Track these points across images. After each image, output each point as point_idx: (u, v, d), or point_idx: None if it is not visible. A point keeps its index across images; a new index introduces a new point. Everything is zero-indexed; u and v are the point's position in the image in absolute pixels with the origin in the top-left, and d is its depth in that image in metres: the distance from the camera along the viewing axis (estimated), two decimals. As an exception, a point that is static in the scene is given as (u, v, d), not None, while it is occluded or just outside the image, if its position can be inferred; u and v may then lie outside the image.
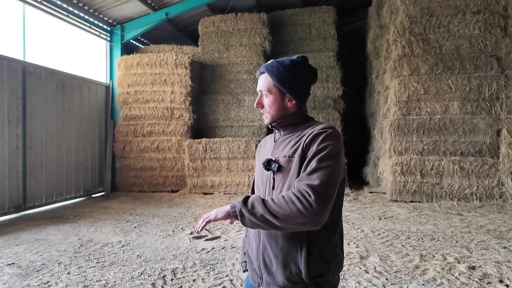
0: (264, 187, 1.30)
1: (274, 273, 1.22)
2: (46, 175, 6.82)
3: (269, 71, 1.30)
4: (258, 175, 1.37)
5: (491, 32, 6.57)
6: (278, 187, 1.24)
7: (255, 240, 1.30)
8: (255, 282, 1.29)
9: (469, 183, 6.33)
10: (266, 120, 1.35)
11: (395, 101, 6.86)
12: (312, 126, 1.27)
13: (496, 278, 3.03)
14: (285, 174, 1.23)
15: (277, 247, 1.21)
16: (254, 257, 1.30)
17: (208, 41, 9.11)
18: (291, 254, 1.19)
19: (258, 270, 1.27)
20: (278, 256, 1.20)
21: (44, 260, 3.78)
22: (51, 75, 7.01)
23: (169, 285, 3.07)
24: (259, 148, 1.50)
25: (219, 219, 1.21)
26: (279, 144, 1.32)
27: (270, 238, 1.23)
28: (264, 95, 1.31)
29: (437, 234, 4.44)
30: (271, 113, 1.31)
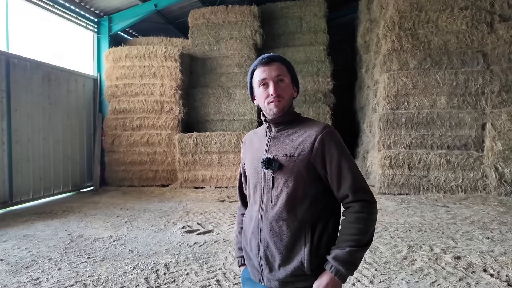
0: (261, 185, 1.29)
1: (276, 269, 1.25)
2: (33, 170, 6.68)
3: (282, 60, 1.33)
4: (251, 173, 1.35)
5: (477, 28, 6.69)
6: (279, 186, 1.25)
7: (255, 237, 1.30)
8: (255, 278, 1.32)
9: (455, 175, 6.50)
10: (276, 109, 1.28)
11: (384, 95, 6.95)
12: (309, 126, 1.30)
13: (480, 267, 3.15)
14: (286, 172, 1.24)
15: (282, 243, 1.23)
16: (254, 254, 1.31)
17: (198, 34, 9.00)
18: (295, 250, 1.22)
19: (259, 266, 1.29)
20: (282, 252, 1.23)
21: (33, 256, 3.73)
22: (36, 68, 6.83)
23: (162, 279, 3.09)
24: (245, 145, 1.48)
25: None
26: (273, 142, 1.31)
27: (274, 235, 1.25)
28: (280, 80, 1.29)
29: (424, 225, 4.57)
30: (285, 98, 1.29)
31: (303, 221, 1.23)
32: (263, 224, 1.27)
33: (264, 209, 1.28)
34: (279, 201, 1.25)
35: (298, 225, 1.23)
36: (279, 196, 1.25)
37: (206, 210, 5.76)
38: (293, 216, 1.23)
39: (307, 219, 1.23)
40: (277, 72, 1.28)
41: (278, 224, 1.24)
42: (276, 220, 1.24)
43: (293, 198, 1.23)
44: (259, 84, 1.30)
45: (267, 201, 1.27)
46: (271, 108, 1.28)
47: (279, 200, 1.25)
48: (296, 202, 1.23)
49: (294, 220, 1.23)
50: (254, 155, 1.34)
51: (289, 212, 1.23)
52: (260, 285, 1.30)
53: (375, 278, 2.98)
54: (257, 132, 1.45)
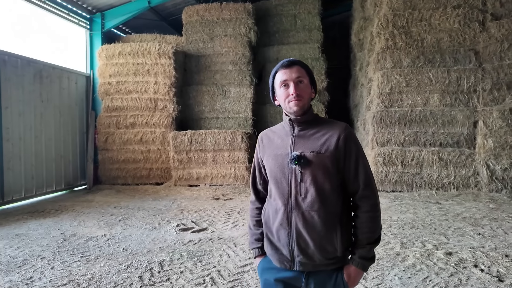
0: (287, 180, 1.41)
1: (311, 254, 1.38)
2: (24, 168, 6.60)
3: (302, 63, 1.46)
4: (275, 168, 1.44)
5: (470, 26, 6.76)
6: (307, 180, 1.38)
7: (284, 228, 1.41)
8: (284, 266, 1.43)
9: (447, 173, 6.58)
10: (297, 107, 1.41)
11: (378, 93, 6.99)
12: (330, 125, 1.45)
13: (471, 263, 3.20)
14: (313, 167, 1.37)
15: (315, 233, 1.37)
16: (283, 244, 1.41)
17: (192, 31, 8.94)
18: (328, 237, 1.37)
19: (290, 254, 1.40)
20: (315, 240, 1.37)
21: (25, 255, 3.69)
22: (27, 64, 6.73)
23: (156, 277, 3.08)
24: (262, 143, 1.56)
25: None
26: (298, 140, 1.43)
27: (306, 226, 1.37)
28: (300, 81, 1.42)
29: (417, 222, 4.62)
30: (305, 98, 1.43)
31: (332, 211, 1.38)
32: (294, 215, 1.39)
33: (293, 201, 1.39)
34: (309, 193, 1.37)
35: (328, 215, 1.37)
36: (309, 189, 1.37)
37: (200, 208, 5.75)
38: (324, 206, 1.37)
39: (335, 208, 1.38)
40: (297, 74, 1.42)
41: (310, 215, 1.37)
42: (308, 211, 1.37)
43: (323, 191, 1.37)
44: (281, 85, 1.43)
45: (296, 194, 1.39)
46: (291, 107, 1.41)
47: (308, 193, 1.37)
48: (325, 194, 1.37)
49: (325, 211, 1.37)
50: (278, 152, 1.45)
51: (320, 203, 1.36)
52: (286, 271, 1.42)
53: (368, 275, 3.01)
54: (274, 131, 1.55)
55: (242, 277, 3.03)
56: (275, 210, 1.44)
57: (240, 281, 2.95)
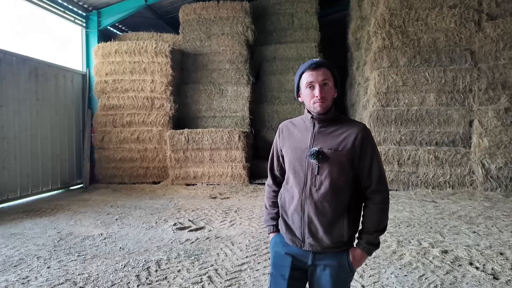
0: (304, 172, 1.54)
1: (319, 238, 1.53)
2: (20, 167, 6.56)
3: (328, 65, 1.55)
4: (294, 159, 1.58)
5: (465, 26, 6.80)
6: (323, 173, 1.51)
7: (298, 214, 1.56)
8: (294, 244, 1.59)
9: (443, 171, 6.62)
10: (320, 108, 1.53)
11: (375, 92, 7.02)
12: (349, 125, 1.56)
13: (467, 261, 3.23)
14: (330, 163, 1.50)
15: (325, 219, 1.51)
16: (296, 226, 1.57)
17: (189, 29, 8.92)
18: (336, 224, 1.52)
19: (301, 235, 1.56)
20: (324, 225, 1.52)
21: (21, 255, 3.67)
22: (23, 62, 6.67)
23: (153, 276, 3.08)
24: (282, 134, 1.68)
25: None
26: (318, 136, 1.55)
27: (317, 213, 1.52)
28: (326, 84, 1.53)
29: (413, 220, 4.65)
30: (328, 100, 1.54)
31: (342, 203, 1.51)
32: (307, 203, 1.53)
33: (308, 191, 1.53)
34: (323, 186, 1.50)
35: (339, 205, 1.51)
36: (323, 182, 1.50)
37: (197, 207, 5.75)
38: (336, 199, 1.50)
39: (345, 201, 1.52)
40: (323, 76, 1.51)
41: (322, 204, 1.51)
42: (321, 201, 1.51)
43: (337, 185, 1.50)
44: (307, 85, 1.54)
45: (311, 185, 1.52)
46: (315, 107, 1.53)
47: (323, 185, 1.50)
48: (339, 188, 1.51)
49: (337, 202, 1.51)
50: (297, 145, 1.58)
51: (333, 195, 1.50)
52: (295, 248, 1.58)
53: (365, 273, 3.03)
54: (295, 124, 1.66)
55: (239, 276, 3.04)
56: (291, 197, 1.59)
57: (237, 280, 2.96)
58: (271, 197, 1.76)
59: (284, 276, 1.59)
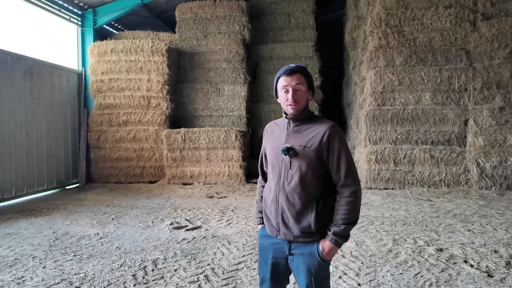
0: (279, 167, 1.69)
1: (290, 227, 1.66)
2: (15, 167, 6.51)
3: (302, 71, 1.67)
4: (272, 155, 1.75)
5: (461, 26, 6.84)
6: (294, 168, 1.64)
7: (274, 205, 1.71)
8: (272, 233, 1.74)
9: (438, 170, 6.67)
10: (293, 111, 1.66)
11: (371, 91, 7.05)
12: (320, 123, 1.67)
13: (461, 259, 3.26)
14: (300, 158, 1.63)
15: (295, 210, 1.64)
16: (273, 216, 1.72)
17: (186, 28, 8.89)
18: (304, 215, 1.64)
19: (276, 225, 1.70)
20: (294, 216, 1.65)
21: (17, 255, 3.65)
22: (17, 61, 6.62)
23: (150, 275, 3.07)
24: (267, 133, 1.86)
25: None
26: (292, 134, 1.69)
27: (288, 204, 1.66)
28: (299, 89, 1.65)
29: (409, 219, 4.68)
30: (301, 103, 1.66)
31: (311, 195, 1.63)
32: (280, 195, 1.67)
33: (281, 184, 1.67)
34: (293, 179, 1.64)
35: (307, 197, 1.63)
36: (294, 176, 1.64)
37: (194, 206, 5.74)
38: (304, 191, 1.62)
39: (314, 193, 1.63)
40: (296, 81, 1.64)
41: (292, 196, 1.64)
42: (291, 193, 1.64)
43: (305, 178, 1.62)
44: (282, 89, 1.68)
45: (284, 178, 1.66)
46: (288, 109, 1.67)
47: (293, 179, 1.64)
48: (306, 181, 1.62)
49: (305, 194, 1.62)
50: (276, 143, 1.72)
51: (302, 188, 1.62)
52: (275, 238, 1.72)
53: (361, 271, 3.04)
54: (277, 124, 1.80)
55: (236, 275, 3.04)
56: (269, 190, 1.75)
57: (234, 279, 2.96)
58: (260, 192, 1.91)
59: (267, 263, 1.75)
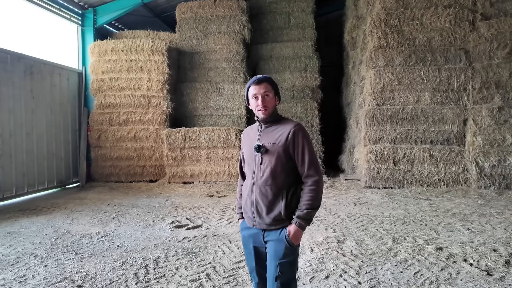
0: (254, 163, 1.92)
1: (264, 217, 1.88)
2: (15, 166, 6.52)
3: (269, 80, 1.92)
4: (247, 155, 1.98)
5: (460, 26, 6.87)
6: (265, 163, 1.87)
7: (249, 198, 1.93)
8: (250, 224, 1.95)
9: (438, 169, 6.70)
10: (263, 115, 1.90)
11: (371, 91, 7.07)
12: (286, 123, 1.91)
13: (461, 258, 3.28)
14: (270, 154, 1.87)
15: (267, 201, 1.87)
16: (249, 208, 1.94)
17: (186, 28, 8.90)
18: (275, 204, 1.86)
19: (252, 216, 1.92)
20: (267, 206, 1.87)
21: (18, 253, 3.66)
22: (17, 60, 6.62)
23: (151, 274, 3.09)
24: (244, 136, 2.09)
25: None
26: (263, 134, 1.93)
27: (262, 196, 1.88)
28: (267, 95, 1.89)
29: (408, 218, 4.71)
30: (270, 107, 1.90)
31: (281, 186, 1.86)
32: (254, 188, 1.89)
33: (255, 179, 1.90)
34: (265, 173, 1.86)
35: (277, 188, 1.86)
36: (265, 170, 1.86)
37: (195, 205, 5.76)
38: (274, 183, 1.85)
39: (283, 184, 1.86)
40: (264, 89, 1.89)
41: (264, 188, 1.86)
42: (263, 185, 1.87)
43: (274, 171, 1.85)
44: (252, 97, 1.92)
45: (257, 173, 1.89)
46: (259, 114, 1.92)
47: (265, 173, 1.86)
48: (276, 174, 1.85)
49: (275, 185, 1.85)
50: (250, 144, 1.95)
51: (272, 180, 1.85)
52: (253, 228, 1.93)
53: (361, 269, 3.07)
54: (252, 128, 2.05)
55: (237, 273, 3.06)
56: (246, 185, 1.98)
57: (235, 277, 2.98)
58: (240, 190, 2.11)
59: (251, 253, 1.97)
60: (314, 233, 4.10)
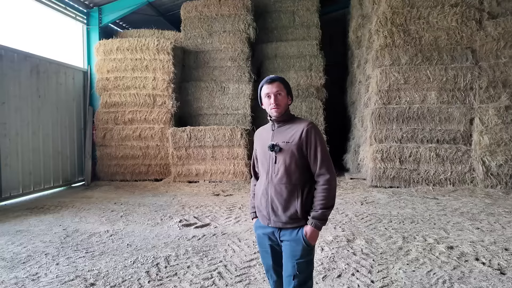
0: (267, 162, 1.94)
1: (279, 215, 1.89)
2: (22, 164, 6.53)
3: (281, 80, 1.96)
4: (261, 154, 2.01)
5: (467, 25, 6.84)
6: (279, 162, 1.89)
7: (264, 196, 1.94)
8: (264, 223, 1.96)
9: (444, 169, 6.68)
10: (276, 113, 1.92)
11: (377, 90, 7.05)
12: (299, 122, 1.94)
13: (473, 256, 3.28)
14: (283, 153, 1.88)
15: (282, 199, 1.88)
16: (263, 207, 1.95)
17: (191, 27, 8.89)
18: (291, 202, 1.87)
19: (267, 214, 1.93)
20: (282, 204, 1.88)
21: (29, 251, 3.67)
22: (24, 59, 6.63)
23: (163, 272, 3.09)
24: (257, 136, 2.10)
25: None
26: (276, 133, 1.95)
27: (277, 194, 1.89)
28: (279, 94, 1.91)
29: (416, 217, 4.70)
30: (282, 106, 1.92)
31: (296, 184, 1.87)
32: (269, 187, 1.91)
33: (270, 178, 1.91)
34: (279, 171, 1.88)
35: (292, 187, 1.87)
36: (280, 168, 1.88)
37: (201, 204, 5.76)
38: (289, 181, 1.87)
39: (298, 183, 1.87)
40: (277, 88, 1.91)
41: (279, 186, 1.88)
42: (278, 184, 1.88)
43: (289, 169, 1.87)
44: (265, 96, 1.94)
45: (272, 172, 1.91)
46: (272, 112, 1.93)
47: (279, 171, 1.88)
48: (290, 172, 1.87)
49: (290, 184, 1.87)
50: (264, 143, 1.97)
51: (287, 178, 1.87)
52: (268, 227, 1.94)
53: (373, 268, 3.06)
54: (265, 128, 2.07)
55: (249, 272, 3.06)
56: (260, 184, 2.00)
57: (247, 276, 2.99)
58: (253, 189, 2.13)
59: (267, 251, 1.98)
60: (323, 232, 4.10)
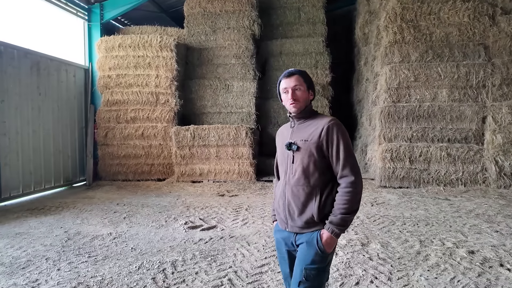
0: (286, 162, 1.81)
1: (296, 219, 1.77)
2: (22, 164, 6.37)
3: (300, 73, 1.81)
4: (280, 153, 1.90)
5: (479, 20, 6.65)
6: (297, 161, 1.75)
7: (282, 199, 1.83)
8: (282, 227, 1.85)
9: (455, 168, 6.50)
10: (294, 110, 1.79)
11: (386, 88, 6.87)
12: (321, 119, 1.78)
13: (496, 262, 3.10)
14: (301, 151, 1.74)
15: (299, 202, 1.75)
16: (281, 210, 1.84)
17: (194, 23, 8.71)
18: (308, 206, 1.74)
19: (285, 218, 1.82)
20: (299, 207, 1.75)
21: (29, 256, 3.51)
22: (24, 56, 6.47)
23: (170, 279, 2.93)
24: (278, 135, 1.97)
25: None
26: (295, 131, 1.81)
27: (294, 197, 1.76)
28: (298, 89, 1.78)
29: (431, 219, 4.53)
30: (301, 102, 1.78)
31: (314, 186, 1.72)
32: (286, 189, 1.79)
33: (287, 179, 1.79)
34: (297, 172, 1.74)
35: (310, 189, 1.73)
36: (297, 168, 1.74)
37: (206, 204, 5.60)
38: (307, 182, 1.73)
39: (316, 185, 1.72)
40: (295, 83, 1.78)
41: (296, 188, 1.75)
42: (295, 185, 1.75)
43: (307, 170, 1.73)
44: (283, 91, 1.83)
45: (289, 173, 1.78)
46: (290, 108, 1.81)
47: (297, 171, 1.74)
48: (309, 173, 1.73)
49: (308, 185, 1.73)
50: (283, 142, 1.83)
51: (305, 180, 1.73)
52: (285, 231, 1.82)
53: (393, 275, 2.89)
54: (286, 126, 1.94)
55: (261, 278, 2.89)
56: (278, 186, 1.89)
57: (259, 283, 2.82)
58: (275, 191, 2.00)
59: (284, 257, 1.86)
60: (336, 235, 3.92)
